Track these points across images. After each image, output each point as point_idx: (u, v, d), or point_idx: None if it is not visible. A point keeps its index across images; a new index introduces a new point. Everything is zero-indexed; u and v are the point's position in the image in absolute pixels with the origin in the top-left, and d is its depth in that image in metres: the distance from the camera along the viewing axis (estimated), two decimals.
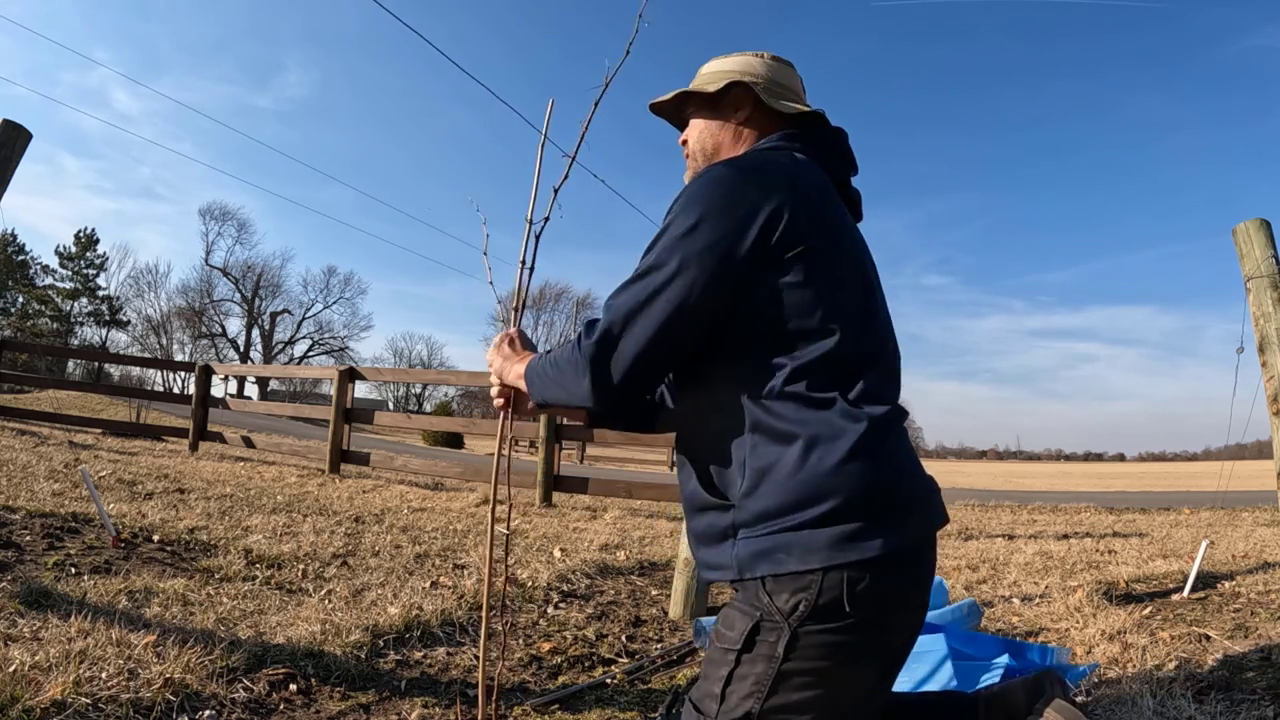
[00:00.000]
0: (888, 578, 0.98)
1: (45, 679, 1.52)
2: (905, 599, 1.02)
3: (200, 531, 3.31)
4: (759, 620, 0.99)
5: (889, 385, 1.10)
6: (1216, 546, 4.21)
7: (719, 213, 1.04)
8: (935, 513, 1.08)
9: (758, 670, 0.98)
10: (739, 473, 1.04)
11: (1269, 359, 2.95)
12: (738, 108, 1.26)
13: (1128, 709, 1.67)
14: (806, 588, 0.97)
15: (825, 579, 0.96)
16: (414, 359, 56.14)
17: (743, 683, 0.99)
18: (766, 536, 1.00)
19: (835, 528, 0.97)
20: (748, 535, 1.02)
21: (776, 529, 0.99)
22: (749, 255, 1.03)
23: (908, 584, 1.02)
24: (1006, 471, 36.29)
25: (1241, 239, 3.06)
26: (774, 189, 1.05)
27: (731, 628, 1.02)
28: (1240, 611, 2.47)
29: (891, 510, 1.00)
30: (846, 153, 1.23)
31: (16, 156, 2.60)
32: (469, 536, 3.91)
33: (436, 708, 1.76)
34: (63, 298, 45.45)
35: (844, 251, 1.09)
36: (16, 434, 7.16)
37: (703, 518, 1.10)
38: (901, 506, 1.01)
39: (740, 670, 1.00)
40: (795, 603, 0.97)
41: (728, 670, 1.01)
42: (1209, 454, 73.26)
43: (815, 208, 1.07)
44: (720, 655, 1.02)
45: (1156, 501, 9.93)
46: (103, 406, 13.98)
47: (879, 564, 0.97)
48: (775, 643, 0.98)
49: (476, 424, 10.78)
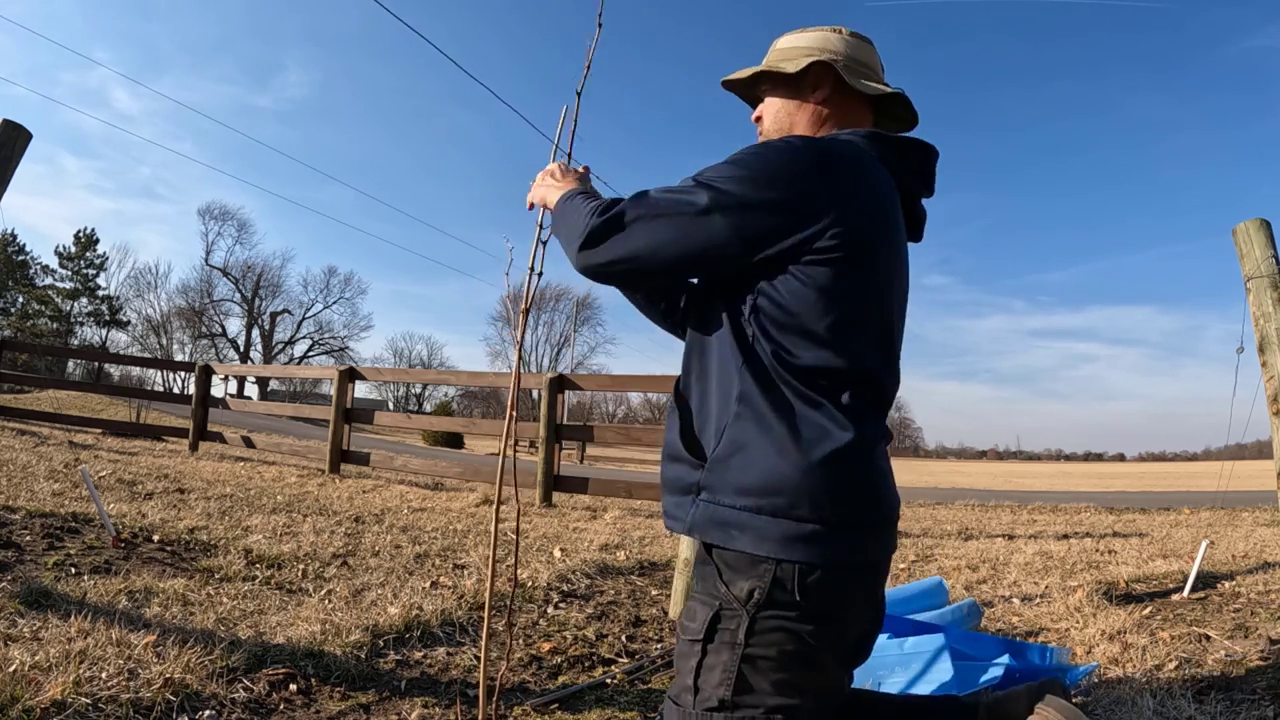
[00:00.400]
0: (838, 579, 1.01)
1: (45, 679, 1.52)
2: (854, 598, 1.04)
3: (200, 531, 3.31)
4: (719, 609, 1.01)
5: (879, 409, 1.11)
6: (1216, 546, 4.21)
7: (777, 182, 1.02)
8: (891, 540, 1.10)
9: (724, 658, 1.01)
10: (715, 436, 1.06)
11: (1269, 359, 2.95)
12: (816, 87, 1.21)
13: (1128, 709, 1.67)
14: (760, 576, 0.99)
15: (778, 569, 0.98)
16: (414, 359, 56.17)
17: (712, 672, 1.01)
18: (726, 509, 1.02)
19: (794, 524, 0.99)
20: (709, 500, 1.04)
21: (737, 505, 1.01)
22: (781, 237, 1.02)
23: (857, 587, 1.04)
24: (1006, 471, 36.29)
25: (1241, 239, 3.06)
26: (837, 186, 1.03)
27: (694, 619, 1.04)
28: (1240, 611, 2.47)
29: (852, 528, 1.01)
30: (927, 171, 1.20)
31: (16, 156, 2.60)
32: (469, 536, 3.91)
33: (436, 708, 1.76)
34: (62, 298, 45.45)
35: (879, 272, 1.07)
36: (16, 434, 7.15)
37: (674, 467, 1.12)
38: (862, 526, 1.03)
39: (708, 660, 1.02)
40: (750, 589, 0.99)
41: (696, 661, 1.03)
42: (1209, 454, 73.23)
43: (868, 220, 1.05)
44: (687, 648, 1.04)
45: (1156, 501, 9.93)
46: (103, 406, 13.98)
47: (828, 567, 0.99)
48: (736, 630, 1.00)
49: (476, 424, 10.77)
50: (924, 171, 1.19)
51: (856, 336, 1.05)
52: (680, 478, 1.10)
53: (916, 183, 1.19)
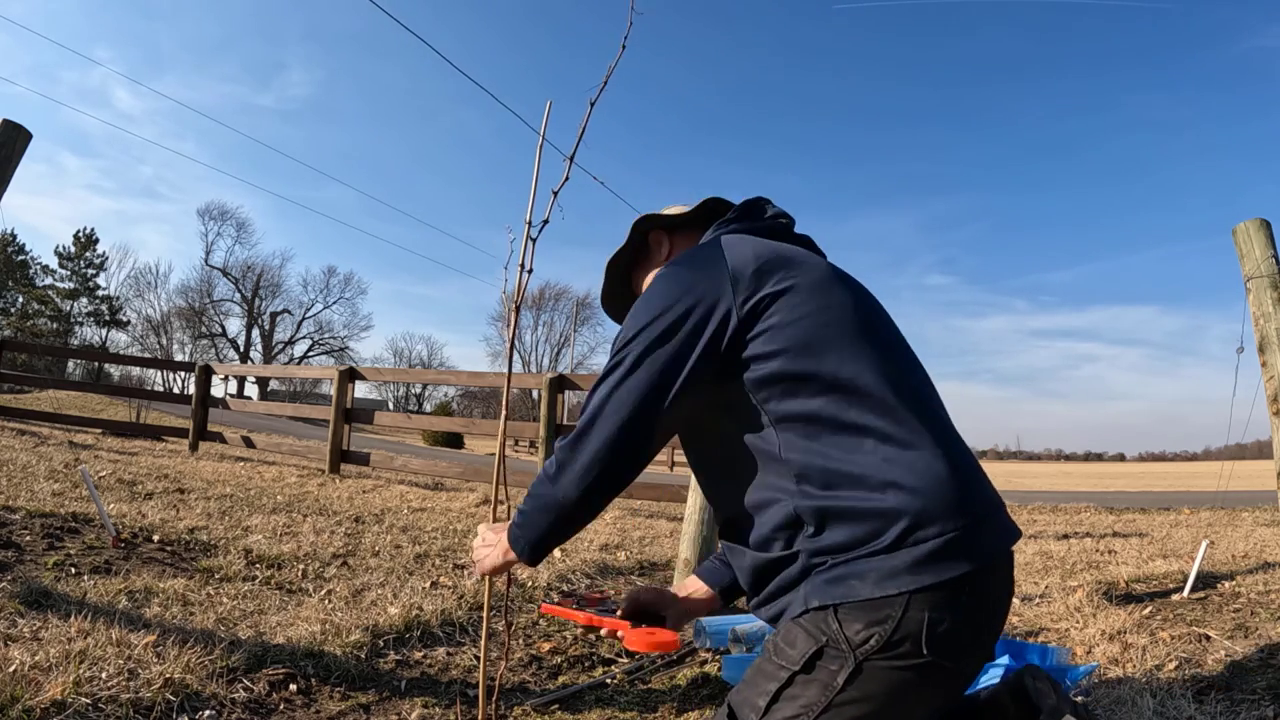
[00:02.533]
0: (966, 614, 0.95)
1: (45, 679, 1.52)
2: (978, 637, 0.98)
3: (200, 531, 3.31)
4: (824, 645, 0.96)
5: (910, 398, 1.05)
6: (1216, 546, 4.21)
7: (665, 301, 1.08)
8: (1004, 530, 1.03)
9: (810, 694, 0.96)
10: (800, 516, 1.01)
11: (1269, 359, 2.95)
12: (659, 245, 1.37)
13: (1128, 709, 1.67)
14: (883, 621, 0.93)
15: (905, 616, 0.92)
16: (414, 359, 56.16)
17: (791, 703, 0.97)
18: (839, 566, 0.97)
19: (913, 548, 0.93)
20: (817, 570, 0.99)
21: (847, 559, 0.96)
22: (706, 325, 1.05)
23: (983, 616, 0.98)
24: (1006, 471, 36.26)
25: (1241, 239, 3.06)
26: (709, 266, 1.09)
27: (793, 646, 0.99)
28: (1240, 611, 2.47)
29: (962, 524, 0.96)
30: (774, 211, 1.26)
31: (16, 156, 2.60)
32: (469, 536, 3.91)
33: (436, 708, 1.76)
34: (62, 298, 45.45)
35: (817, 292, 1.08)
36: (16, 434, 7.15)
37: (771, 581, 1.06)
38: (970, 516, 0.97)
39: (791, 690, 0.97)
40: (868, 635, 0.93)
41: (777, 686, 0.98)
42: (1209, 454, 73.29)
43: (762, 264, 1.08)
44: (773, 669, 0.99)
45: (1156, 501, 9.93)
46: (103, 406, 13.98)
47: (958, 592, 0.94)
48: (837, 671, 0.95)
49: (476, 424, 10.78)
50: (773, 212, 1.25)
51: (849, 355, 1.03)
52: (782, 583, 1.03)
53: (777, 222, 1.24)
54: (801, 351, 1.03)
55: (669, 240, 1.36)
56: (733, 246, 1.11)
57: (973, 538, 0.96)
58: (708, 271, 1.08)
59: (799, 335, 1.03)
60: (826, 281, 1.10)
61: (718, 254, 1.10)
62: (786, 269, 1.08)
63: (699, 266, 1.10)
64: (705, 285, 1.07)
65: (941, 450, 1.00)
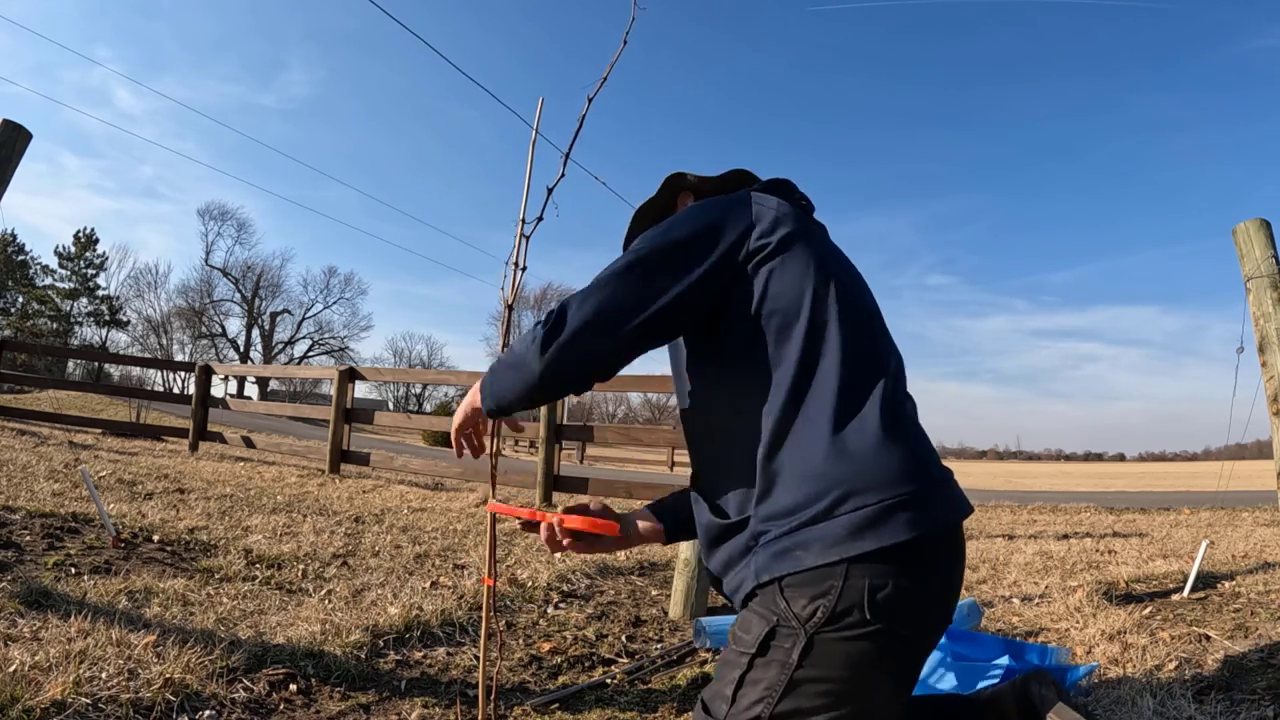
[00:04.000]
0: (909, 580, 0.96)
1: (45, 679, 1.52)
2: (928, 605, 0.99)
3: (200, 531, 3.31)
4: (775, 625, 0.98)
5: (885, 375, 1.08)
6: (1216, 546, 4.21)
7: (686, 224, 1.10)
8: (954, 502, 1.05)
9: (770, 675, 0.97)
10: (751, 482, 1.04)
11: (1269, 359, 2.95)
12: (684, 206, 1.34)
13: (1128, 709, 1.67)
14: (826, 593, 0.95)
15: (845, 585, 0.94)
16: (414, 359, 56.15)
17: (754, 687, 0.98)
18: (783, 538, 0.99)
19: (854, 514, 0.95)
20: (765, 542, 1.02)
21: (792, 527, 0.98)
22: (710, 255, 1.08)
23: (931, 583, 0.99)
24: (1006, 471, 36.30)
25: (1241, 239, 3.06)
26: (734, 204, 1.13)
27: (748, 631, 1.01)
28: (1240, 611, 2.47)
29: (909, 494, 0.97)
30: (797, 192, 1.27)
31: (16, 157, 2.60)
32: (469, 536, 3.91)
33: (436, 708, 1.76)
34: (62, 298, 45.43)
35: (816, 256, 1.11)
36: (16, 434, 7.15)
37: (723, 549, 1.09)
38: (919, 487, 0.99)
39: (752, 674, 0.99)
40: (813, 608, 0.96)
41: (740, 673, 1.00)
42: (1209, 454, 73.27)
43: (780, 217, 1.11)
44: (735, 657, 1.02)
45: (1156, 501, 9.93)
46: (103, 406, 13.98)
47: (899, 559, 0.95)
48: (790, 649, 0.97)
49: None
50: (796, 193, 1.27)
51: (832, 319, 1.06)
52: (734, 550, 1.07)
53: (800, 200, 1.26)
54: (791, 306, 1.06)
55: (693, 200, 1.37)
56: (759, 199, 1.15)
57: (915, 507, 0.98)
58: (732, 210, 1.12)
59: (794, 288, 1.07)
60: (830, 253, 1.14)
61: (745, 199, 1.15)
62: (800, 226, 1.12)
63: (724, 204, 1.14)
64: (726, 216, 1.11)
65: (890, 422, 1.02)
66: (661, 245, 1.08)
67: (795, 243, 1.09)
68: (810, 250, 1.10)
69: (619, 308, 1.06)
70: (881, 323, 1.17)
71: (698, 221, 1.10)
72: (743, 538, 1.05)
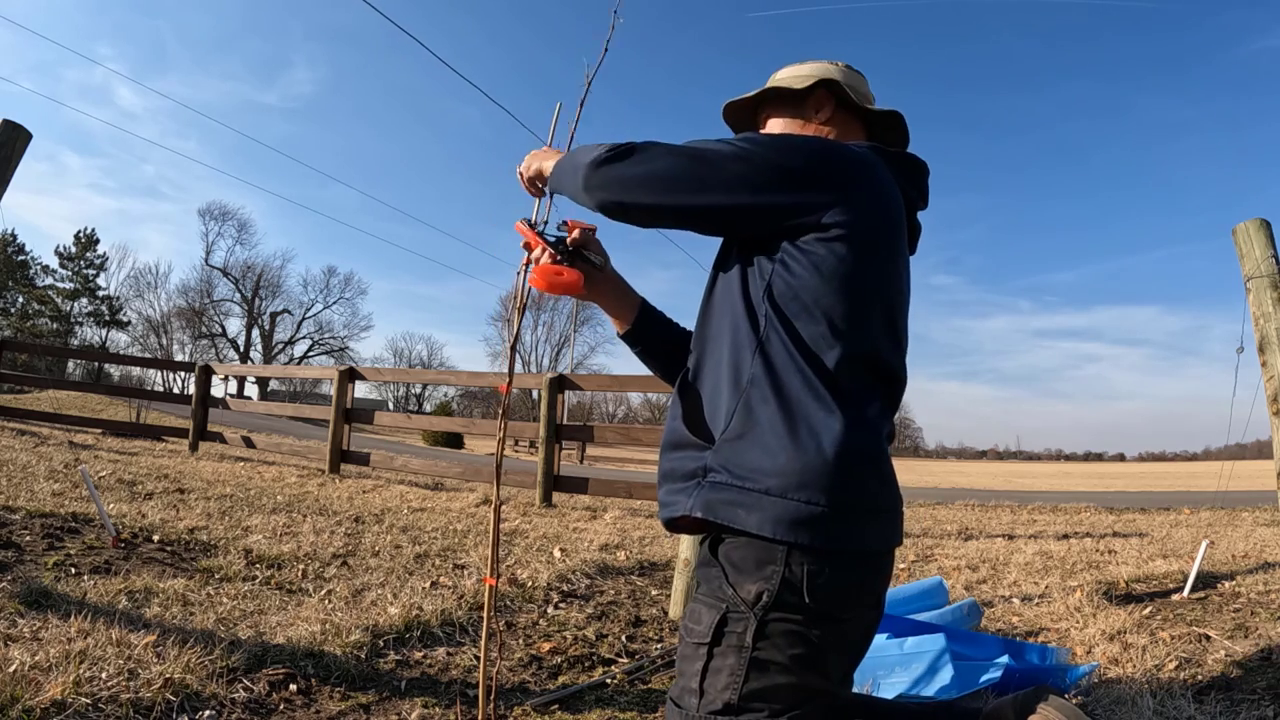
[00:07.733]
0: (845, 573, 1.00)
1: (45, 679, 1.52)
2: (860, 598, 1.04)
3: (200, 531, 3.31)
4: (725, 612, 1.01)
5: (890, 398, 1.12)
6: (1216, 546, 4.21)
7: (792, 153, 1.07)
8: (898, 530, 1.10)
9: (730, 662, 1.00)
10: (725, 419, 1.05)
11: (1269, 359, 2.95)
12: (819, 108, 1.29)
13: (1128, 709, 1.67)
14: (769, 578, 0.99)
15: (787, 570, 0.98)
16: (414, 359, 56.19)
17: (718, 675, 1.00)
18: (734, 489, 1.01)
19: (802, 506, 0.98)
20: (716, 480, 1.03)
21: (746, 485, 1.01)
22: (789, 199, 1.05)
23: (863, 585, 1.04)
24: (1006, 471, 36.30)
25: (1241, 239, 3.06)
26: (846, 171, 1.08)
27: (699, 622, 1.03)
28: (1240, 611, 2.47)
29: (860, 513, 1.02)
30: (923, 185, 1.25)
31: (16, 156, 2.60)
32: (469, 536, 3.91)
33: (436, 708, 1.76)
34: (63, 298, 45.46)
35: (888, 263, 1.10)
36: (16, 434, 7.16)
37: (676, 455, 1.11)
38: (870, 511, 1.03)
39: (714, 664, 1.01)
40: (759, 591, 0.99)
41: (701, 664, 1.02)
42: (1209, 454, 73.26)
43: (876, 210, 1.09)
44: (692, 650, 1.03)
45: (1156, 501, 9.93)
46: (103, 406, 13.98)
47: (835, 557, 0.99)
48: (744, 633, 0.99)
49: (476, 424, 10.77)
50: (920, 184, 1.24)
51: (867, 323, 1.07)
52: (683, 464, 1.09)
53: (914, 194, 1.23)
54: (835, 298, 1.05)
55: (832, 110, 1.29)
56: (881, 180, 1.12)
57: (866, 523, 1.02)
58: (846, 172, 1.08)
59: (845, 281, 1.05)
60: (893, 269, 1.12)
61: (866, 170, 1.10)
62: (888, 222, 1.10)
63: (849, 161, 1.09)
64: (835, 173, 1.07)
65: (874, 441, 1.05)
66: (769, 159, 1.05)
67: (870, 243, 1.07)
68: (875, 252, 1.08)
69: (682, 181, 1.05)
70: (905, 347, 1.18)
71: (817, 161, 1.06)
72: (696, 462, 1.06)
